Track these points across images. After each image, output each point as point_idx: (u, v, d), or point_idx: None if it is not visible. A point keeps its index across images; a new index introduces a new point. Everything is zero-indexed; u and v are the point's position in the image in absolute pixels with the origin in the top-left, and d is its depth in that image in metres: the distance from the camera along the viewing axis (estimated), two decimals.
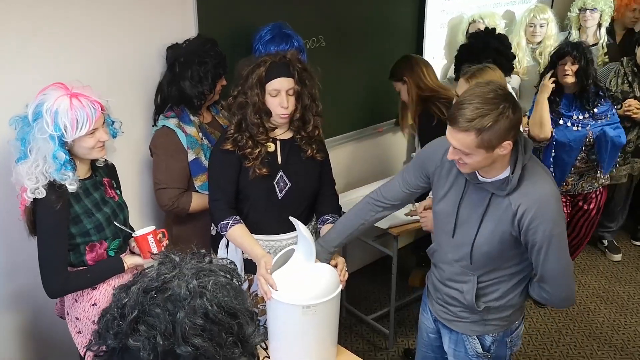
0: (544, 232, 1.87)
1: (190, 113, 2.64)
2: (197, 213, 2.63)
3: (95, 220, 2.14)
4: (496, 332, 2.16)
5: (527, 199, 1.88)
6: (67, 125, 1.96)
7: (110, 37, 2.57)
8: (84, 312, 2.20)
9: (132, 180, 2.80)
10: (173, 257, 1.06)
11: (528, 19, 4.05)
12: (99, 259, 2.18)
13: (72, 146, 2.04)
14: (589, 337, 3.59)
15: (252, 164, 2.27)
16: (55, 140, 1.96)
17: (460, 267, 2.09)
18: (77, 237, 2.12)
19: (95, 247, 2.16)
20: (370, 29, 3.62)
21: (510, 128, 1.79)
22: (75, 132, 1.98)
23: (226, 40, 2.81)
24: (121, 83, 2.64)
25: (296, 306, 2.00)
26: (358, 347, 3.48)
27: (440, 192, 2.09)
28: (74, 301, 2.20)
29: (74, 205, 2.09)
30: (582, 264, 4.35)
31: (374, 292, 3.96)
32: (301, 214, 2.40)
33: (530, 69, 4.09)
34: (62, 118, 1.95)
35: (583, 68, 3.25)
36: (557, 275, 1.96)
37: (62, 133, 1.97)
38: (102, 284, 2.20)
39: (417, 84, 3.21)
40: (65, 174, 2.01)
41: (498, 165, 1.89)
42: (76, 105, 1.97)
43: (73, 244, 2.12)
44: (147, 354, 0.94)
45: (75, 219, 2.10)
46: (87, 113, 1.98)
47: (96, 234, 2.15)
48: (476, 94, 1.80)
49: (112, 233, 2.19)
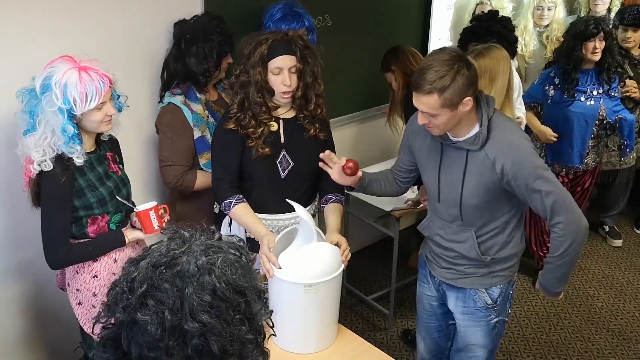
0: (529, 170, 2.01)
1: (197, 90, 2.63)
2: (201, 191, 2.64)
3: (99, 194, 2.15)
4: (502, 284, 2.30)
5: (501, 148, 2.04)
6: (76, 99, 1.96)
7: (117, 12, 2.56)
8: (84, 284, 2.23)
9: (136, 156, 2.80)
10: (183, 232, 1.07)
11: (536, 1, 4.02)
12: (100, 231, 2.20)
13: (80, 120, 2.04)
14: (588, 321, 3.61)
15: (254, 144, 2.27)
16: (64, 114, 1.96)
17: (456, 226, 2.22)
18: (79, 210, 2.13)
19: (97, 220, 2.18)
20: (376, 9, 3.59)
21: (468, 84, 1.95)
22: (84, 105, 1.98)
23: (233, 17, 2.80)
24: (127, 58, 2.63)
25: (298, 284, 2.02)
26: (358, 326, 3.51)
27: (422, 162, 2.26)
28: (75, 273, 2.23)
29: (78, 178, 2.10)
30: (583, 249, 4.36)
31: (375, 273, 3.99)
32: (304, 194, 2.41)
33: (536, 53, 4.06)
34: (71, 91, 1.95)
35: (609, 45, 3.37)
36: (562, 200, 2.04)
37: (71, 106, 1.97)
38: (103, 256, 2.22)
39: (403, 71, 3.24)
40: (73, 147, 2.02)
41: (464, 123, 2.05)
42: (85, 79, 1.97)
43: (75, 216, 2.14)
44: (155, 328, 0.95)
45: (79, 192, 2.11)
46: (96, 86, 1.98)
47: (99, 208, 2.16)
48: (433, 59, 1.97)
49: (114, 207, 2.21)
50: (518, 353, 3.35)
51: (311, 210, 2.50)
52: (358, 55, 3.59)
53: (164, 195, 2.92)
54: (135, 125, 2.73)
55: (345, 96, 3.58)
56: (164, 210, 2.26)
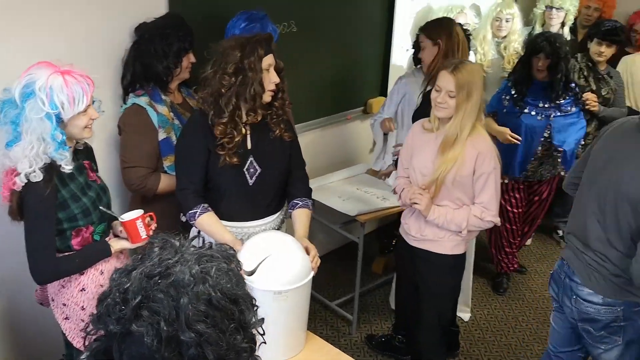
0: None
1: (161, 92, 2.61)
2: (165, 194, 2.60)
3: (82, 204, 2.09)
4: None
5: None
6: (64, 102, 1.91)
7: (79, 15, 2.51)
8: (72, 298, 2.16)
9: (97, 159, 2.74)
10: (173, 241, 1.06)
11: (494, 13, 4.12)
12: (84, 243, 2.14)
13: (66, 126, 1.99)
14: (544, 324, 3.71)
15: (225, 153, 2.26)
16: (52, 119, 1.91)
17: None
18: (64, 222, 2.07)
19: (81, 232, 2.13)
20: (341, 16, 3.62)
21: None
22: (73, 108, 1.94)
23: (198, 22, 2.78)
24: (91, 61, 2.57)
25: (268, 292, 2.02)
26: (322, 332, 3.52)
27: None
28: (61, 287, 2.16)
29: (61, 190, 2.04)
30: (538, 252, 4.50)
31: (339, 278, 4.00)
32: (272, 200, 2.42)
33: (494, 62, 4.17)
34: (58, 95, 1.90)
35: (554, 63, 3.38)
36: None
37: (60, 111, 1.92)
38: (90, 269, 2.16)
39: (446, 54, 2.98)
40: (63, 154, 1.97)
41: None
42: (71, 82, 1.92)
43: (59, 229, 2.07)
44: (151, 340, 0.93)
45: (63, 204, 2.05)
46: (82, 88, 1.94)
47: (83, 219, 2.10)
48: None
49: (97, 217, 2.16)
50: (479, 356, 3.42)
51: (281, 216, 2.50)
52: (322, 61, 3.61)
53: (125, 198, 2.86)
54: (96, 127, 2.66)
55: (308, 102, 3.59)
56: (151, 218, 2.21)
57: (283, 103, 2.35)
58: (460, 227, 2.53)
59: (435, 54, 3.01)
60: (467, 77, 2.40)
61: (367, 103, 4.02)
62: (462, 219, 2.53)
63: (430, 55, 3.04)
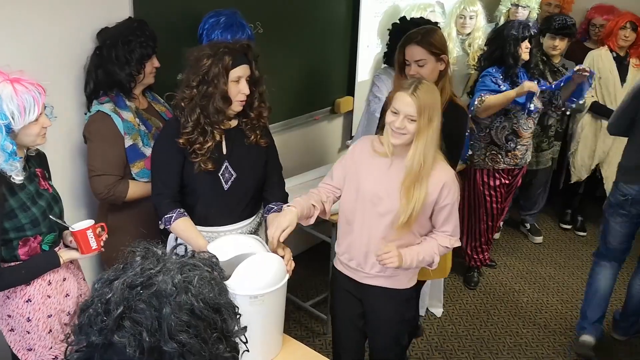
0: None
1: (125, 98, 2.56)
2: (133, 201, 2.56)
3: (31, 214, 2.04)
4: None
5: None
6: (14, 112, 1.86)
7: (38, 21, 2.44)
8: (17, 309, 2.11)
9: (62, 168, 2.68)
10: (155, 250, 1.04)
11: (458, 10, 4.17)
12: (32, 253, 2.09)
13: (16, 135, 1.94)
14: (515, 316, 3.78)
15: (199, 159, 2.24)
16: (2, 130, 1.86)
17: None
18: (10, 232, 2.02)
19: (29, 242, 2.07)
20: (306, 17, 3.62)
21: None
22: (23, 118, 1.89)
23: (164, 25, 2.74)
24: (53, 66, 2.52)
25: (244, 296, 2.00)
26: (296, 333, 3.51)
27: None
28: (6, 298, 2.10)
29: (9, 199, 1.98)
30: (507, 246, 4.57)
31: (311, 279, 4.00)
32: (247, 205, 2.40)
33: (459, 59, 4.21)
34: (7, 105, 1.85)
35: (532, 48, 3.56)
36: None
37: (9, 121, 1.87)
38: (37, 279, 2.11)
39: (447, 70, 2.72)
40: (13, 165, 1.92)
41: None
42: (20, 90, 1.87)
43: (5, 238, 2.02)
44: (133, 350, 0.92)
45: (10, 213, 1.99)
46: (33, 97, 1.89)
47: (31, 229, 2.05)
48: None
49: (47, 227, 2.10)
50: (453, 351, 3.46)
51: (257, 220, 2.49)
52: (289, 62, 3.60)
53: (92, 207, 2.80)
54: (59, 137, 2.61)
55: (276, 104, 3.51)
56: (102, 229, 2.18)
57: (260, 113, 2.33)
58: (432, 262, 2.30)
59: (442, 71, 2.67)
60: (427, 99, 2.15)
61: (334, 103, 4.02)
62: (433, 253, 2.29)
63: (434, 72, 2.65)
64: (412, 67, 2.61)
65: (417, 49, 2.60)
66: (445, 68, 2.65)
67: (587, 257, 4.38)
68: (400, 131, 2.16)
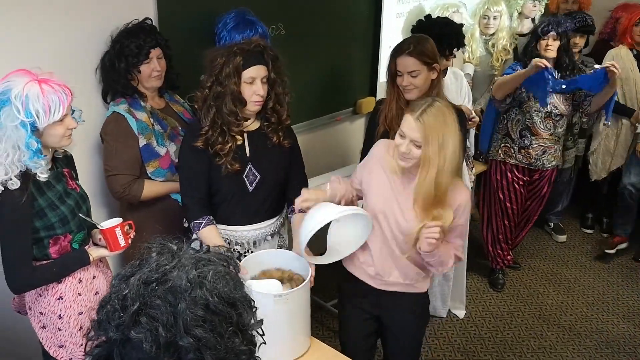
0: None
1: (140, 99, 2.61)
2: (151, 200, 2.60)
3: (60, 213, 2.07)
4: None
5: None
6: (39, 111, 1.89)
7: (62, 21, 2.48)
8: (48, 307, 2.14)
9: (83, 168, 2.71)
10: (171, 246, 1.05)
11: (482, 10, 4.14)
12: (62, 251, 2.12)
13: (42, 134, 1.97)
14: (539, 318, 3.74)
15: (223, 161, 2.26)
16: (27, 127, 1.89)
17: None
18: (41, 231, 2.05)
19: (59, 240, 2.10)
20: (328, 18, 3.62)
21: None
22: (48, 117, 1.91)
23: (186, 25, 2.77)
24: (72, 69, 2.56)
25: (268, 295, 2.01)
26: (318, 333, 3.51)
27: None
28: (38, 295, 2.14)
29: (38, 198, 2.02)
30: (531, 248, 4.52)
31: (332, 278, 3.98)
32: (271, 205, 2.42)
33: (482, 60, 4.19)
34: (33, 104, 1.88)
35: (563, 45, 3.48)
36: None
37: (34, 120, 1.90)
38: (68, 277, 2.14)
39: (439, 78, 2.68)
40: (37, 162, 1.95)
41: None
42: (47, 91, 1.90)
43: (36, 237, 2.05)
44: (150, 346, 0.94)
45: (39, 212, 2.03)
46: (59, 97, 1.92)
47: (61, 227, 2.08)
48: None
49: (76, 225, 2.13)
50: (475, 353, 3.43)
51: (280, 220, 2.50)
52: (311, 63, 3.61)
53: (111, 206, 2.84)
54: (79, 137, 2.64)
55: (299, 104, 3.57)
56: (129, 226, 2.21)
57: (278, 115, 2.33)
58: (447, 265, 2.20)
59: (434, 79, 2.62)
60: (436, 124, 1.97)
61: (356, 103, 4.02)
62: (449, 256, 2.19)
63: (427, 81, 2.60)
64: (405, 77, 2.56)
65: (410, 60, 2.55)
66: (437, 77, 2.61)
67: (613, 259, 4.33)
68: (406, 156, 2.05)
